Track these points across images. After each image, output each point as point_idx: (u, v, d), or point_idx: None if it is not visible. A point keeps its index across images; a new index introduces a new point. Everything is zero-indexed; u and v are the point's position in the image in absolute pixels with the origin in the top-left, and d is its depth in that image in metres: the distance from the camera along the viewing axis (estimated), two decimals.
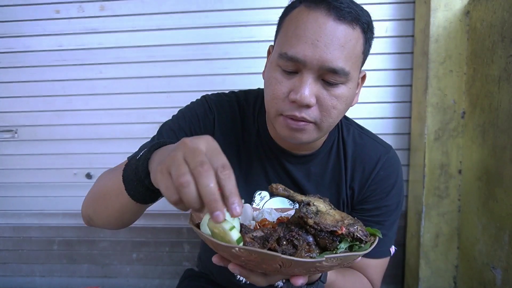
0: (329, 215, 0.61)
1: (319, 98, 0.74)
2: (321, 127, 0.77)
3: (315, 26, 0.71)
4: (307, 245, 0.58)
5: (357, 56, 0.76)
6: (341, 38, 0.71)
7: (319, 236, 0.58)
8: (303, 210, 0.59)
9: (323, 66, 0.71)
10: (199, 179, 0.46)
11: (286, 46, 0.73)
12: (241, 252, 0.51)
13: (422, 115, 1.48)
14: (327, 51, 0.70)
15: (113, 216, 0.75)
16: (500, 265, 1.21)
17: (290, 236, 0.58)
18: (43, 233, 1.84)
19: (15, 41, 1.68)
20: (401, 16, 1.55)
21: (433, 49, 1.41)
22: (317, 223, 0.58)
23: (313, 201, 0.62)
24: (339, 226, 0.58)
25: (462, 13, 1.38)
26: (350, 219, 0.62)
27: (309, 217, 0.58)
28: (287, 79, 0.75)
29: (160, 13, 1.63)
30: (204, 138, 0.51)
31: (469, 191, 1.40)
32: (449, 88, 1.42)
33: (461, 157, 1.44)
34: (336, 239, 0.58)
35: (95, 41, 1.66)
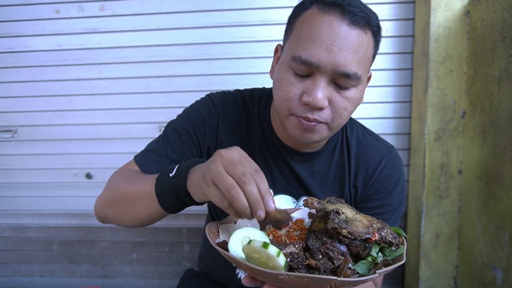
0: (358, 221, 0.60)
1: (331, 100, 0.76)
2: (331, 127, 0.79)
3: (329, 30, 0.71)
4: (341, 255, 0.57)
5: (368, 59, 0.78)
6: (354, 43, 0.72)
7: (352, 244, 0.58)
8: (336, 220, 0.58)
9: (337, 70, 0.72)
10: (244, 187, 0.55)
11: (300, 49, 0.74)
12: (290, 278, 0.50)
13: (422, 115, 1.48)
14: (341, 55, 0.71)
15: (137, 220, 0.79)
16: (500, 265, 1.21)
17: (325, 249, 0.58)
18: (43, 233, 1.84)
19: (15, 41, 1.68)
20: (401, 16, 1.55)
21: (433, 49, 1.41)
22: (350, 232, 0.58)
23: (341, 209, 0.62)
24: (371, 233, 0.58)
25: (462, 13, 1.38)
26: (377, 222, 0.62)
27: (343, 227, 0.58)
28: (299, 81, 0.76)
29: (160, 13, 1.62)
30: (235, 149, 0.60)
31: (469, 191, 1.40)
32: (449, 88, 1.42)
33: (461, 157, 1.44)
34: (368, 246, 0.59)
35: (95, 41, 1.66)
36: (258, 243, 0.53)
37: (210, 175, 0.57)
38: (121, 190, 0.81)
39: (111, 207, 0.82)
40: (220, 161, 0.57)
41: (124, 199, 0.79)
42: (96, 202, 0.87)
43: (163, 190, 0.69)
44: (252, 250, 0.54)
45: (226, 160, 0.57)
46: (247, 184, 0.55)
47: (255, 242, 0.53)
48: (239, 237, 0.60)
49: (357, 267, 0.57)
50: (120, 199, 0.80)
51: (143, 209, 0.76)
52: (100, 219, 0.87)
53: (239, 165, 0.57)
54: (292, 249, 0.58)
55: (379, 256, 0.59)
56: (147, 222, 0.80)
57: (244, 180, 0.55)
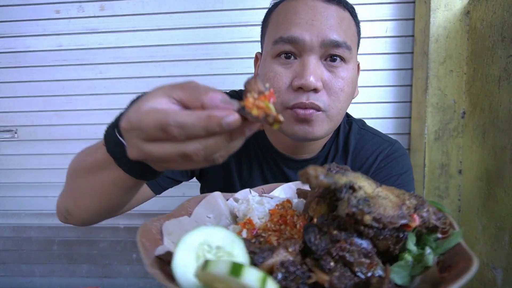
0: (383, 198, 0.41)
1: (325, 82, 0.71)
2: (331, 115, 0.73)
3: (306, 9, 0.70)
4: (364, 257, 0.38)
5: (353, 34, 0.75)
6: (335, 16, 0.71)
7: (379, 237, 0.39)
8: (353, 202, 0.39)
9: (325, 40, 0.69)
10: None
11: (280, 31, 0.71)
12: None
13: (422, 115, 1.48)
14: (325, 26, 0.69)
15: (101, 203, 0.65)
16: (500, 265, 1.21)
17: (338, 251, 0.38)
18: (43, 233, 1.84)
19: (15, 41, 1.68)
20: (401, 16, 1.55)
21: (433, 49, 1.41)
22: (377, 219, 0.38)
23: (356, 181, 0.42)
24: (409, 215, 0.39)
25: (462, 13, 1.38)
26: (409, 195, 0.43)
27: (365, 211, 0.38)
28: (286, 69, 0.72)
29: (160, 13, 1.62)
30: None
31: (469, 191, 1.40)
32: (449, 88, 1.42)
33: (461, 157, 1.44)
34: (403, 236, 0.39)
35: (95, 41, 1.66)
36: (221, 266, 0.31)
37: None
38: (75, 173, 0.71)
39: (69, 195, 0.72)
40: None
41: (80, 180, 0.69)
42: (56, 202, 0.77)
43: (107, 134, 0.57)
44: (212, 278, 0.33)
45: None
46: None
47: (214, 265, 0.32)
48: (191, 247, 0.38)
49: (393, 275, 0.37)
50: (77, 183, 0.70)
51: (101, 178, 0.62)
52: (62, 216, 0.75)
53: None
54: (283, 255, 0.38)
55: (427, 254, 0.38)
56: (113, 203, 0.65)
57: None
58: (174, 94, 0.42)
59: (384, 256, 0.40)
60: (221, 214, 0.56)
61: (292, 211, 0.49)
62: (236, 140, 0.42)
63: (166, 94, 0.43)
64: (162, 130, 0.40)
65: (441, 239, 0.41)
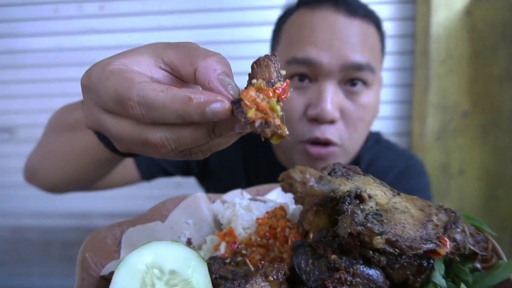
0: (401, 211, 0.30)
1: (343, 111, 0.62)
2: (347, 150, 0.65)
3: (324, 25, 0.60)
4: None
5: (378, 54, 0.66)
6: (358, 33, 0.61)
7: (394, 265, 0.29)
8: (359, 218, 0.29)
9: (346, 63, 0.60)
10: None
11: (293, 50, 0.62)
12: None
13: (422, 115, 1.47)
14: (346, 47, 0.60)
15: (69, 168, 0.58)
16: None
17: (337, 285, 0.28)
18: (42, 234, 1.83)
19: (14, 40, 1.67)
20: (402, 15, 1.55)
21: (434, 48, 1.40)
22: (392, 242, 0.28)
23: (365, 188, 0.32)
24: (436, 238, 0.28)
25: (463, 12, 1.38)
26: (437, 209, 0.32)
27: (376, 231, 0.28)
28: (300, 95, 0.63)
29: (160, 13, 1.62)
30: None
31: (470, 191, 1.40)
32: (450, 88, 1.41)
33: (462, 157, 1.44)
34: (427, 265, 0.29)
35: (94, 41, 1.65)
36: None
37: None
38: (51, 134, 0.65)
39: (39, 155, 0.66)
40: None
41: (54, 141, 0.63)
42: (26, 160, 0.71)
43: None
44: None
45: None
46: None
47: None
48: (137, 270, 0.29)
49: None
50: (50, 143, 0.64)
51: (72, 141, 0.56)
52: (27, 175, 0.70)
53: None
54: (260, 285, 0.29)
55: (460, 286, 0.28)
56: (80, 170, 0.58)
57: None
58: (165, 55, 0.34)
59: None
60: (203, 220, 0.46)
61: (284, 222, 0.38)
62: (222, 137, 0.32)
63: (154, 54, 0.34)
64: (120, 104, 0.30)
65: (480, 270, 0.31)
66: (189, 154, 0.33)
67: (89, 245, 0.34)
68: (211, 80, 0.30)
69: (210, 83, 0.30)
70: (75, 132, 0.56)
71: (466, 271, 0.30)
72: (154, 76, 0.34)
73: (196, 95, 0.28)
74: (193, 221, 0.45)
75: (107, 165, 0.57)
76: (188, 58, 0.32)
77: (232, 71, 0.33)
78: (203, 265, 0.30)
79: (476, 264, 0.31)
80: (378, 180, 0.35)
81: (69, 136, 0.57)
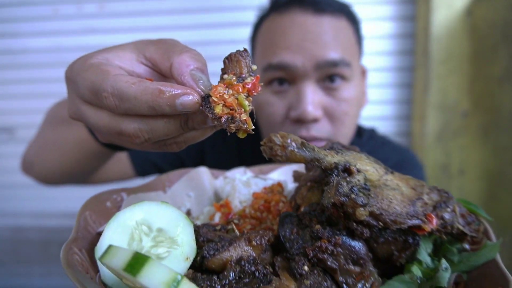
0: (390, 188, 0.30)
1: (326, 109, 0.63)
2: None
3: (294, 28, 0.62)
4: (353, 265, 0.28)
5: (353, 45, 0.67)
6: (329, 30, 0.62)
7: (378, 240, 0.29)
8: (344, 188, 0.29)
9: (319, 62, 0.61)
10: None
11: (267, 57, 0.64)
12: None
13: (423, 115, 1.47)
14: (318, 46, 0.61)
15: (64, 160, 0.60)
16: None
17: (317, 253, 0.28)
18: (41, 234, 1.82)
19: (13, 40, 1.67)
20: (402, 15, 1.54)
21: (435, 48, 1.40)
22: (376, 215, 0.28)
23: (355, 162, 0.32)
24: (423, 214, 0.28)
25: (464, 12, 1.38)
26: (430, 189, 0.31)
27: (360, 203, 0.28)
28: (280, 98, 0.64)
29: (159, 13, 1.62)
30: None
31: (471, 191, 1.40)
32: (451, 88, 1.41)
33: (463, 157, 1.44)
34: (413, 242, 0.29)
35: (94, 40, 1.65)
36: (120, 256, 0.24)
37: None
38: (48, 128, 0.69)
39: (35, 147, 0.70)
40: None
41: (50, 135, 0.66)
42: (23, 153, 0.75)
43: None
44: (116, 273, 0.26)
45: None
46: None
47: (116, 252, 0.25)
48: (127, 225, 0.30)
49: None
50: (47, 137, 0.67)
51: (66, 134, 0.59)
52: (24, 167, 0.73)
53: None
54: (243, 249, 0.29)
55: (442, 269, 0.28)
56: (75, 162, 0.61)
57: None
58: (147, 51, 0.36)
59: (385, 265, 0.29)
60: (204, 193, 0.47)
61: (279, 197, 0.39)
62: (195, 130, 0.33)
63: (137, 49, 0.37)
64: (95, 95, 0.32)
65: (468, 251, 0.30)
66: (165, 146, 0.34)
67: (89, 205, 0.35)
68: (183, 75, 0.32)
69: (182, 78, 0.32)
70: (69, 125, 0.58)
71: (453, 251, 0.30)
72: (135, 70, 0.36)
73: (167, 88, 0.30)
74: (194, 194, 0.47)
75: (99, 158, 0.58)
76: (166, 53, 0.34)
77: (207, 68, 0.35)
78: (190, 227, 0.31)
79: (465, 245, 0.30)
80: (372, 158, 0.35)
81: (64, 129, 0.59)
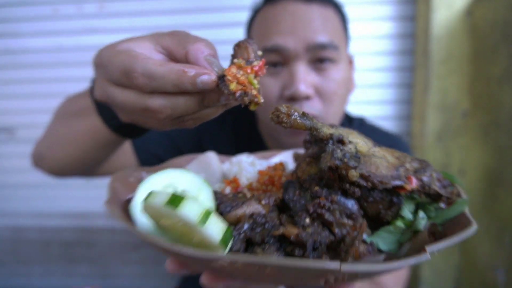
0: (378, 157, 0.35)
1: (316, 87, 0.70)
2: (327, 122, 0.71)
3: (286, 15, 0.69)
4: (347, 218, 0.33)
5: (340, 32, 0.73)
6: (317, 17, 0.69)
7: (368, 198, 0.34)
8: (338, 154, 0.34)
9: (310, 45, 0.67)
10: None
11: (263, 41, 0.70)
12: (235, 267, 0.27)
13: (423, 115, 1.47)
14: (308, 30, 0.68)
15: (76, 153, 0.64)
16: (502, 265, 1.20)
17: (316, 207, 0.33)
18: (42, 234, 1.83)
19: (13, 40, 1.67)
20: (402, 15, 1.54)
21: (435, 48, 1.40)
22: (365, 176, 0.33)
23: (346, 136, 0.37)
24: (405, 177, 0.34)
25: (464, 12, 1.37)
26: (411, 159, 0.37)
27: (351, 165, 0.33)
28: (274, 79, 0.71)
29: (159, 12, 1.62)
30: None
31: (471, 191, 1.39)
32: (451, 88, 1.41)
33: (463, 157, 1.44)
34: (397, 201, 0.34)
35: (94, 40, 1.65)
36: (161, 196, 0.29)
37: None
38: (59, 120, 0.71)
39: (46, 141, 0.72)
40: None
41: (61, 127, 0.69)
42: (34, 145, 0.78)
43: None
44: (155, 213, 0.30)
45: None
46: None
47: (157, 195, 0.30)
48: (155, 188, 0.35)
49: (378, 239, 0.34)
50: (58, 129, 0.70)
51: (78, 125, 0.62)
52: (35, 160, 0.77)
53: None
54: (254, 207, 0.35)
55: (420, 218, 0.34)
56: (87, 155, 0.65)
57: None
58: (162, 41, 0.41)
59: (374, 221, 0.35)
60: (213, 175, 0.52)
61: (281, 173, 0.45)
62: (209, 107, 0.38)
63: (153, 40, 0.42)
64: (126, 75, 0.37)
65: (444, 208, 0.36)
66: (182, 122, 0.39)
67: (117, 178, 0.41)
68: (199, 60, 0.37)
69: (198, 62, 0.37)
70: (80, 117, 0.62)
71: (431, 209, 0.36)
72: (154, 58, 0.40)
73: (189, 69, 0.35)
74: (204, 175, 0.51)
75: (109, 147, 0.63)
76: (181, 43, 0.39)
77: (217, 54, 0.39)
78: (209, 188, 0.38)
79: (441, 205, 0.36)
80: (363, 134, 0.42)
81: (76, 122, 0.63)
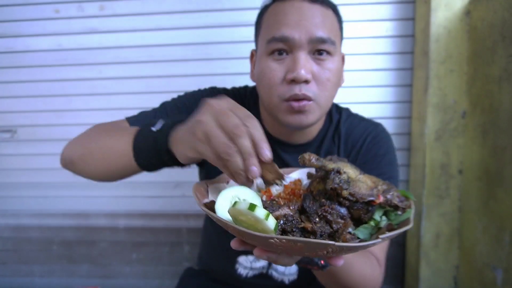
0: (361, 182, 0.56)
1: (314, 74, 0.80)
2: (320, 104, 0.82)
3: (293, 10, 0.80)
4: (340, 219, 0.53)
5: (336, 31, 0.85)
6: (319, 15, 0.80)
7: (353, 207, 0.54)
8: (336, 180, 0.54)
9: (312, 38, 0.78)
10: (237, 140, 0.50)
11: (272, 32, 0.81)
12: (281, 242, 0.46)
13: (422, 115, 1.48)
14: (311, 25, 0.79)
15: (105, 172, 0.76)
16: (500, 265, 1.21)
17: (322, 212, 0.53)
18: (43, 233, 1.84)
19: (14, 41, 1.68)
20: (401, 15, 1.55)
21: (434, 48, 1.40)
22: (352, 194, 0.53)
23: (342, 168, 0.57)
24: (376, 195, 0.54)
25: (463, 12, 1.38)
26: (383, 183, 0.57)
27: (344, 188, 0.53)
28: (279, 64, 0.81)
29: (160, 13, 1.62)
30: (223, 98, 0.55)
31: (470, 191, 1.40)
32: (450, 88, 1.42)
33: (462, 157, 1.44)
34: (371, 209, 0.54)
35: (94, 41, 1.66)
36: (243, 205, 0.48)
37: (201, 128, 0.53)
38: (97, 136, 0.78)
39: (80, 149, 0.79)
40: (210, 111, 0.53)
41: (97, 145, 0.76)
42: (66, 145, 0.84)
43: (141, 145, 0.66)
44: (238, 213, 0.49)
45: (216, 110, 0.52)
46: (239, 137, 0.50)
47: (240, 204, 0.49)
48: (227, 197, 0.55)
49: (358, 232, 0.53)
50: (93, 144, 0.77)
51: (115, 161, 0.71)
52: (64, 163, 0.85)
53: (231, 115, 0.51)
54: (286, 210, 0.54)
55: (382, 220, 0.55)
56: (116, 176, 0.76)
57: (236, 133, 0.50)
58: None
59: (357, 222, 0.55)
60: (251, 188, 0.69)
61: (300, 187, 0.64)
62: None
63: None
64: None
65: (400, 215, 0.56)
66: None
67: (195, 188, 0.60)
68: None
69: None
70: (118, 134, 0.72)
71: (392, 215, 0.55)
72: None
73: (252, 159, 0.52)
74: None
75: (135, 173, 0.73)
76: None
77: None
78: (259, 198, 0.57)
79: (398, 212, 0.55)
80: (353, 165, 0.61)
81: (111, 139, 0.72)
